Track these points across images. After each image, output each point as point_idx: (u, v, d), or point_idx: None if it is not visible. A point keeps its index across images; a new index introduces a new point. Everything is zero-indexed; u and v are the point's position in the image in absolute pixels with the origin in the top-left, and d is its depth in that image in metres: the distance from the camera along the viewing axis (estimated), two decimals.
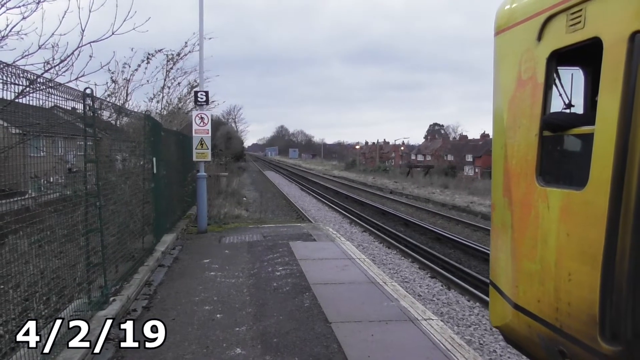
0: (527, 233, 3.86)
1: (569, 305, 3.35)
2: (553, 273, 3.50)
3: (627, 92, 2.92)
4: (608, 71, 3.11)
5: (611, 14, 3.13)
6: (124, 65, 12.05)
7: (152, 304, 6.79)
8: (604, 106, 3.09)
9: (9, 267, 4.19)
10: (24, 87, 4.27)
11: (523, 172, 3.96)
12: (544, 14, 3.74)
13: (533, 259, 3.75)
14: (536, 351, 3.88)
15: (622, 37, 2.97)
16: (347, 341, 5.34)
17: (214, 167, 27.30)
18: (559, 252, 3.45)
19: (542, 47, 3.79)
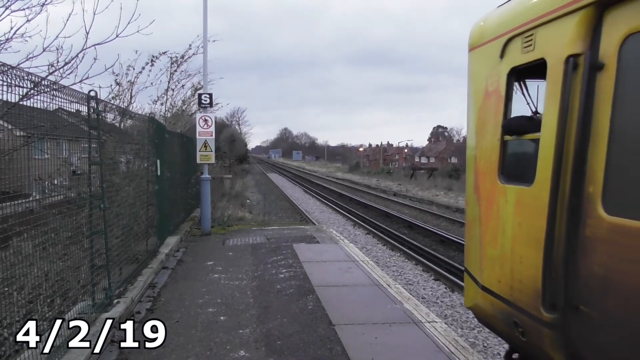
0: (491, 224, 4.52)
1: (520, 283, 4.01)
2: (509, 257, 4.14)
3: (563, 106, 3.55)
4: (550, 87, 3.75)
5: (553, 40, 3.79)
6: (128, 68, 12.09)
7: (155, 306, 6.79)
8: (547, 116, 3.76)
9: (13, 270, 4.20)
10: (29, 89, 4.29)
11: (488, 171, 4.62)
12: (505, 36, 4.43)
13: (495, 246, 4.40)
14: (498, 325, 4.57)
15: (560, 59, 3.63)
16: (350, 344, 5.32)
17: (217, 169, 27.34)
18: (514, 239, 4.10)
19: (503, 64, 4.47)
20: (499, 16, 4.76)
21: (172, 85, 16.01)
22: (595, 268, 3.34)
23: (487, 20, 4.98)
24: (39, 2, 7.01)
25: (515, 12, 4.48)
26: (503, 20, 4.65)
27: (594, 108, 3.47)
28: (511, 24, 4.42)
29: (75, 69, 7.32)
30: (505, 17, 4.62)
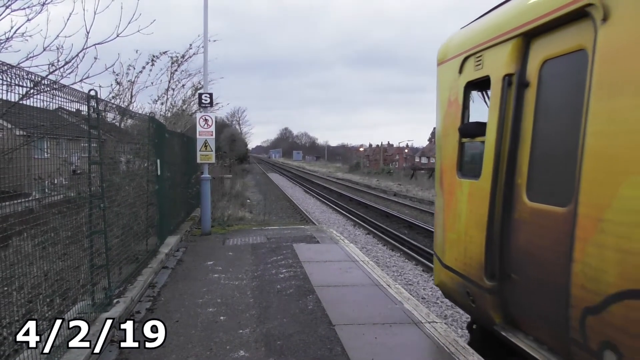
0: (451, 213, 5.47)
1: (470, 259, 4.90)
2: (464, 239, 5.08)
3: (501, 115, 4.45)
4: (492, 99, 4.67)
5: (495, 61, 4.67)
6: (129, 67, 12.07)
7: (155, 305, 6.79)
8: (490, 123, 4.66)
9: (13, 269, 4.19)
10: (29, 88, 4.28)
11: (450, 168, 5.56)
12: (463, 55, 5.32)
13: (454, 230, 5.36)
14: (457, 297, 5.54)
15: (499, 77, 4.52)
16: (350, 344, 5.32)
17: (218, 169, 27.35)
18: (467, 224, 5.03)
19: (461, 78, 5.36)
20: (460, 37, 5.65)
21: (172, 84, 16.01)
22: (521, 243, 4.26)
23: (451, 40, 5.88)
24: (39, 2, 7.01)
25: (471, 35, 5.35)
26: (462, 41, 5.52)
27: (522, 117, 4.36)
28: (467, 45, 5.31)
29: (76, 68, 7.31)
30: (464, 38, 5.50)
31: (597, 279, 3.32)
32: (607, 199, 3.25)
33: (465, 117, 5.43)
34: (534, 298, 4.11)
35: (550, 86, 4.17)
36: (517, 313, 4.45)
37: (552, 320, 3.85)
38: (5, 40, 6.68)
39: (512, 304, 4.47)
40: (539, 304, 4.04)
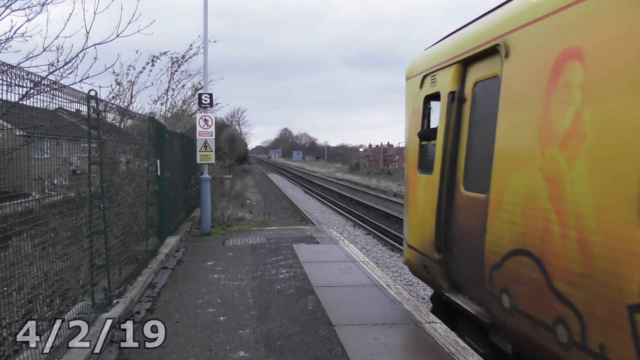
0: (413, 202, 6.78)
1: (425, 238, 6.17)
2: (421, 223, 6.35)
3: (446, 123, 5.67)
4: (441, 111, 5.83)
5: (443, 80, 5.87)
6: (129, 68, 12.08)
7: (155, 306, 6.78)
8: (439, 129, 5.85)
9: (13, 269, 4.19)
10: (29, 89, 4.28)
11: (413, 166, 6.86)
12: (423, 73, 6.62)
13: (415, 216, 6.68)
14: (418, 270, 6.88)
15: (446, 94, 5.75)
16: (350, 344, 5.31)
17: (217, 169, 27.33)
18: (423, 210, 6.31)
19: (422, 92, 6.64)
20: (421, 58, 6.93)
21: (172, 85, 16.02)
22: (459, 223, 5.52)
23: (415, 60, 7.16)
24: (39, 2, 7.01)
25: (429, 58, 6.62)
26: (423, 62, 6.81)
27: (461, 126, 5.56)
28: (426, 65, 6.59)
29: (76, 68, 7.32)
30: (424, 60, 6.80)
31: (498, 244, 4.51)
32: (504, 187, 4.47)
33: (425, 124, 6.70)
34: (467, 265, 5.38)
35: (479, 102, 5.39)
36: (457, 278, 5.73)
37: (476, 280, 4.99)
38: (5, 40, 6.68)
39: (453, 272, 5.76)
40: (469, 269, 5.26)
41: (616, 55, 3.42)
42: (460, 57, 5.59)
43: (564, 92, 3.84)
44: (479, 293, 5.05)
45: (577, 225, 3.60)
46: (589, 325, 3.51)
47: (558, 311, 3.80)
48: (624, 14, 3.36)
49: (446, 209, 5.74)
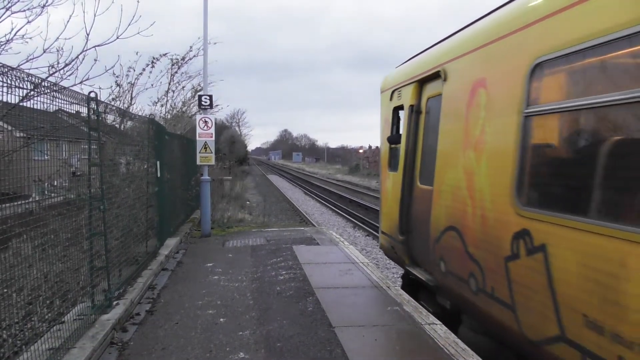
0: (384, 195, 8.36)
1: (393, 224, 7.60)
2: (390, 211, 7.78)
3: (408, 131, 7.05)
4: (404, 120, 7.22)
5: (406, 95, 7.25)
6: (129, 69, 12.12)
7: (155, 307, 6.78)
8: (403, 136, 7.30)
9: (13, 271, 4.19)
10: (29, 90, 4.28)
11: (385, 165, 8.43)
12: (392, 88, 8.05)
13: (386, 207, 8.16)
14: (388, 252, 8.34)
15: (408, 106, 7.15)
16: (350, 346, 5.31)
17: (217, 170, 27.35)
18: (391, 201, 7.74)
19: (391, 104, 8.09)
20: (392, 75, 8.46)
21: (172, 86, 16.07)
22: (415, 210, 6.98)
23: (387, 76, 8.73)
24: (39, 4, 7.03)
25: (397, 75, 8.10)
26: (393, 79, 8.31)
27: (418, 133, 7.02)
28: (395, 82, 8.06)
29: (76, 70, 7.34)
30: (394, 77, 8.29)
31: (438, 223, 6.05)
32: (442, 180, 5.98)
33: (393, 130, 8.13)
34: (420, 243, 6.89)
35: (430, 114, 6.80)
36: (415, 254, 7.28)
37: (425, 253, 6.57)
38: (5, 42, 6.69)
39: (412, 249, 7.33)
40: (422, 246, 6.81)
41: (499, 87, 4.88)
42: (418, 77, 7.09)
43: (476, 110, 5.25)
44: (427, 263, 6.68)
45: (480, 206, 5.06)
46: (486, 275, 4.96)
47: (470, 268, 5.24)
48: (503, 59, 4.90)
49: (407, 200, 7.35)
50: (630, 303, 3.23)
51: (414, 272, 7.06)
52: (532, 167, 4.42)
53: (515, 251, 4.45)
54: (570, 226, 3.75)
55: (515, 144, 4.51)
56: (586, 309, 3.60)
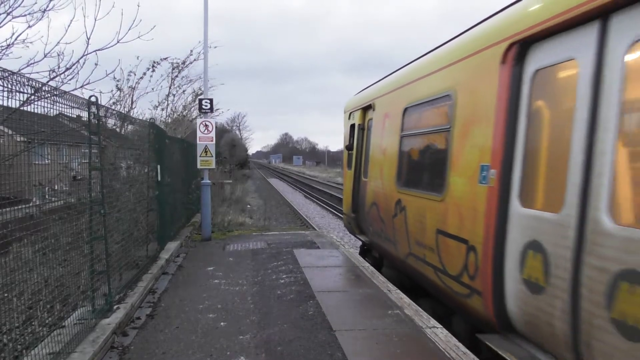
0: (345, 187, 11.95)
1: (348, 206, 11.38)
2: (347, 198, 11.55)
3: (358, 141, 10.83)
4: (356, 134, 11.01)
5: (356, 117, 10.98)
6: (129, 73, 12.13)
7: (156, 312, 6.77)
8: (355, 145, 11.03)
9: (13, 275, 4.19)
10: (29, 95, 4.29)
11: (345, 165, 12.10)
12: (349, 111, 11.70)
13: (345, 194, 11.87)
14: (348, 226, 11.78)
15: (357, 124, 10.95)
16: (351, 350, 5.30)
17: (218, 174, 27.32)
18: (347, 190, 11.56)
19: (349, 122, 11.69)
20: (350, 101, 11.84)
21: (173, 90, 16.07)
22: (361, 196, 10.30)
23: (348, 102, 12.17)
24: (40, 9, 7.05)
25: (352, 102, 11.49)
26: (350, 103, 11.77)
27: (363, 143, 10.45)
28: (351, 106, 11.51)
29: (77, 74, 7.36)
30: (351, 102, 11.71)
31: (368, 201, 9.52)
32: (371, 174, 9.41)
33: (350, 141, 11.55)
34: (362, 216, 10.18)
35: (370, 131, 9.93)
36: (360, 225, 10.57)
37: (364, 222, 9.92)
38: (6, 46, 6.71)
39: (359, 222, 10.63)
40: (362, 218, 10.15)
41: (393, 119, 8.25)
42: (362, 106, 10.70)
43: (384, 131, 8.82)
44: (365, 230, 10.22)
45: (384, 188, 8.57)
46: (386, 229, 8.46)
47: (381, 227, 8.74)
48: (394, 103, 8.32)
49: (356, 188, 10.90)
50: (427, 226, 6.63)
51: (360, 237, 10.92)
52: (402, 165, 7.97)
53: (395, 212, 7.93)
54: (414, 195, 7.24)
55: (397, 152, 8.07)
56: (416, 236, 7.02)
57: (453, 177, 5.99)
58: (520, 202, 4.79)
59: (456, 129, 5.99)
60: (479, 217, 5.27)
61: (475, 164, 5.46)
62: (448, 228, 6.00)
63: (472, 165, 5.54)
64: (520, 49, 4.87)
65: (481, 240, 5.21)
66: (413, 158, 7.68)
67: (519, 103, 4.89)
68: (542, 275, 4.36)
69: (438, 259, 6.27)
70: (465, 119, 5.83)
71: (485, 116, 5.34)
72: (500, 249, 4.96)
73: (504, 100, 5.00)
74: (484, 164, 5.27)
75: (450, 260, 5.94)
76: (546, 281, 4.30)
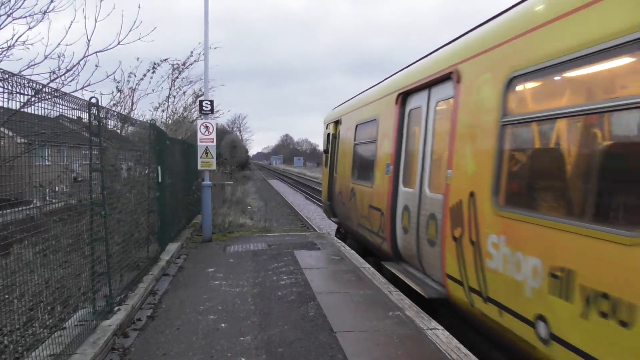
0: (323, 181, 15.65)
1: (325, 195, 14.72)
2: (326, 190, 14.59)
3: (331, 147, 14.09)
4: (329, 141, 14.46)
5: (331, 128, 14.20)
6: (130, 75, 12.15)
7: (156, 313, 6.77)
8: (329, 149, 14.43)
9: (14, 277, 4.19)
10: (30, 96, 4.29)
11: (323, 164, 15.83)
12: (327, 123, 15.07)
13: (323, 187, 15.45)
14: (325, 212, 15.20)
15: (331, 134, 14.25)
16: (352, 351, 5.30)
17: (219, 175, 27.33)
18: (325, 184, 14.94)
19: (327, 131, 15.00)
20: (328, 115, 15.27)
21: (173, 92, 16.10)
22: (333, 187, 13.42)
23: (327, 115, 15.42)
24: (40, 10, 7.06)
25: (330, 116, 14.91)
26: (328, 117, 15.13)
27: (336, 148, 13.41)
28: (328, 119, 14.91)
29: (77, 76, 7.37)
30: (328, 116, 15.12)
31: (336, 190, 12.93)
32: (340, 171, 12.69)
33: (327, 147, 14.61)
34: (334, 203, 13.32)
35: (340, 139, 12.82)
36: (334, 210, 13.47)
37: (335, 207, 13.25)
38: (7, 48, 6.72)
39: (333, 207, 13.47)
40: (334, 204, 13.31)
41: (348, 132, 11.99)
42: (334, 120, 13.70)
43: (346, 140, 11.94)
44: (336, 213, 13.27)
45: (345, 180, 11.87)
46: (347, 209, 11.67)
47: (344, 209, 11.97)
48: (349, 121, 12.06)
49: (330, 182, 13.79)
50: (365, 204, 9.75)
51: (333, 219, 14.51)
52: (354, 165, 11.12)
53: (350, 197, 11.07)
54: (359, 184, 10.32)
55: (352, 155, 11.24)
56: (360, 211, 10.11)
57: (376, 172, 9.25)
58: (402, 184, 8.04)
59: (378, 141, 9.27)
60: (385, 195, 8.48)
61: (384, 163, 8.74)
62: (373, 203, 9.29)
63: (383, 164, 8.83)
64: (403, 97, 8.17)
65: (385, 208, 8.45)
66: (360, 160, 10.85)
67: (403, 128, 8.19)
68: (408, 223, 7.64)
69: (369, 224, 9.56)
70: (382, 135, 9.07)
71: (389, 134, 8.57)
72: (394, 212, 8.18)
73: (396, 125, 8.29)
74: (388, 163, 8.53)
75: (374, 223, 9.22)
76: (409, 226, 7.55)
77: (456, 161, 5.90)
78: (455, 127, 6.00)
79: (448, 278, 6.02)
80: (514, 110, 4.89)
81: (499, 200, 4.95)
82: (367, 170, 9.87)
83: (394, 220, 8.05)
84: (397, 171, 8.08)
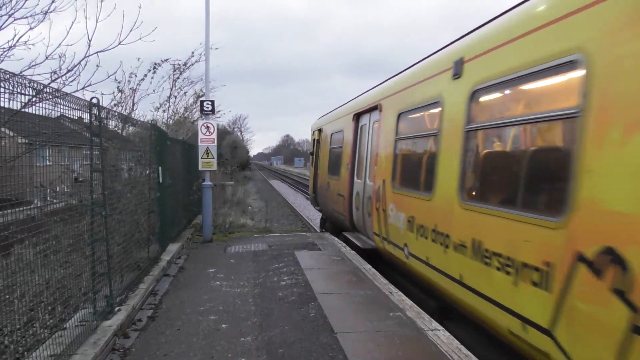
0: (310, 178, 19.02)
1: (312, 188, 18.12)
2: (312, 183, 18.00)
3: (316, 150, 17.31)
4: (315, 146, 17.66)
5: (316, 135, 17.44)
6: (131, 75, 12.18)
7: (157, 313, 6.77)
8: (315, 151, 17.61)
9: (15, 277, 4.19)
10: (31, 97, 4.29)
11: (311, 164, 19.10)
12: (313, 129, 18.41)
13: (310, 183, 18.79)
14: (312, 204, 19.30)
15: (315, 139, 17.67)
16: (352, 352, 5.29)
17: (219, 176, 27.35)
18: (311, 180, 18.66)
19: (313, 137, 18.27)
20: (315, 122, 18.49)
21: (174, 92, 16.12)
22: (317, 182, 16.87)
23: (313, 123, 18.89)
24: (42, 11, 7.06)
25: (315, 124, 18.35)
26: (314, 125, 18.48)
27: (319, 151, 16.78)
28: (314, 127, 18.29)
29: (78, 76, 7.37)
30: (315, 124, 18.41)
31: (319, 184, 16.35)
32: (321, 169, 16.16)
33: (313, 149, 17.89)
34: (318, 194, 16.69)
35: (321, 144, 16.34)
36: (318, 200, 16.78)
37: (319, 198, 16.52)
38: (8, 48, 6.72)
39: (317, 198, 16.86)
40: (318, 196, 16.73)
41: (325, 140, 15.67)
42: (318, 128, 16.84)
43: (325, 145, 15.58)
44: (319, 202, 16.47)
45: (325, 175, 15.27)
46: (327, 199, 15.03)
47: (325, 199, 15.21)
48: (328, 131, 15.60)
49: (315, 178, 17.00)
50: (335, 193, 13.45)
51: (317, 208, 17.58)
52: (330, 164, 14.45)
53: (327, 188, 14.59)
54: (332, 178, 14.05)
55: (328, 156, 14.89)
56: (333, 198, 13.72)
57: (342, 169, 12.62)
58: (356, 177, 11.52)
59: (343, 147, 12.70)
60: (346, 184, 11.97)
61: (346, 163, 12.18)
62: (340, 191, 12.68)
63: (345, 163, 12.28)
64: (357, 116, 11.70)
65: (346, 194, 11.94)
66: (333, 160, 14.02)
67: (357, 138, 11.72)
68: (358, 203, 11.13)
69: (338, 207, 12.93)
70: (345, 143, 12.53)
71: (349, 142, 12.06)
72: (351, 197, 11.69)
73: (353, 136, 11.84)
74: (348, 162, 12.03)
75: (340, 206, 12.66)
76: (359, 205, 11.05)
77: (378, 161, 9.56)
78: (379, 139, 9.65)
79: (374, 235, 9.62)
80: (401, 132, 8.62)
81: (394, 184, 8.62)
82: (337, 168, 13.37)
83: (351, 202, 11.71)
84: (353, 168, 11.73)
